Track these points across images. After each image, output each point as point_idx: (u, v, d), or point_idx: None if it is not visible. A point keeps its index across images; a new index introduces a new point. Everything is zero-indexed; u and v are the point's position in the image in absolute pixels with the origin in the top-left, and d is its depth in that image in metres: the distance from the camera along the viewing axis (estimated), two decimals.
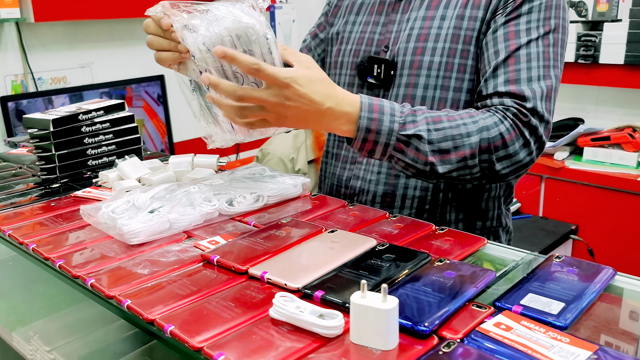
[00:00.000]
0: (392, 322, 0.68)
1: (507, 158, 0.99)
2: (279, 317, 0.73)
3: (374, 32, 1.15)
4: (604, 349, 0.66)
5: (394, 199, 1.18)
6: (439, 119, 0.97)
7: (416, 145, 0.96)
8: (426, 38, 1.07)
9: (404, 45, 1.10)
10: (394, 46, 1.11)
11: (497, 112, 0.99)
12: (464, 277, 0.82)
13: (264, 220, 1.09)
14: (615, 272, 0.86)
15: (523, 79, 0.99)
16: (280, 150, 2.36)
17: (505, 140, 0.98)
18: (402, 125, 0.95)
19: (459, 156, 0.97)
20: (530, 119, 0.99)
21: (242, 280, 0.86)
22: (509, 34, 1.02)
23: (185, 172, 1.29)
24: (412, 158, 0.97)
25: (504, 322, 0.72)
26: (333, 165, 1.29)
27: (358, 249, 0.92)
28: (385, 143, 0.95)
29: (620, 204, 2.41)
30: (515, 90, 0.99)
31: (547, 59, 1.02)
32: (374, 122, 0.94)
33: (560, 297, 0.78)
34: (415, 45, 1.08)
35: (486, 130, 0.97)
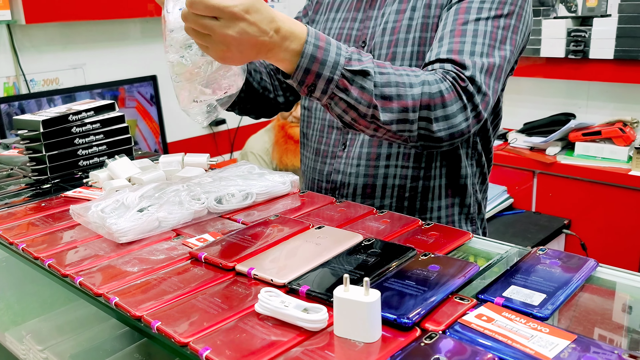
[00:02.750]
0: (374, 314, 0.69)
1: (444, 119, 0.97)
2: (264, 311, 0.74)
3: (351, 29, 1.16)
4: (582, 338, 0.67)
5: (374, 189, 1.19)
6: (384, 65, 0.95)
7: (361, 83, 0.91)
8: (399, 30, 1.10)
9: (379, 39, 1.12)
10: (370, 41, 1.13)
11: (437, 73, 0.99)
12: (447, 271, 0.83)
13: (253, 217, 1.10)
14: (598, 264, 0.87)
15: (465, 50, 1.00)
16: (257, 147, 2.38)
17: (445, 99, 0.96)
18: (348, 61, 0.91)
19: (401, 106, 0.94)
20: (468, 85, 0.98)
21: (229, 277, 0.87)
22: (459, 10, 1.03)
23: (175, 171, 1.30)
24: (355, 98, 0.91)
25: (486, 314, 0.73)
26: (313, 160, 1.30)
27: (344, 245, 0.93)
28: (329, 77, 0.90)
29: (612, 198, 2.42)
30: (456, 59, 1.00)
31: (493, 39, 1.02)
32: (319, 50, 0.89)
33: (542, 289, 0.79)
34: (390, 39, 1.11)
35: (428, 84, 0.96)
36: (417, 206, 1.21)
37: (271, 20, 0.86)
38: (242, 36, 0.84)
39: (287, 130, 2.37)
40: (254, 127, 3.12)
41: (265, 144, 2.48)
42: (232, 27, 0.83)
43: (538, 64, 2.65)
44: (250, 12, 0.84)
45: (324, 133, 0.99)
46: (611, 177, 2.40)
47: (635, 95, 2.55)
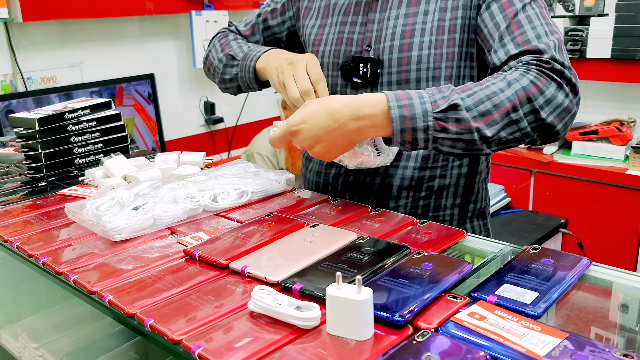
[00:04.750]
0: (366, 312, 0.69)
1: (548, 104, 0.95)
2: (257, 309, 0.75)
3: (352, 32, 1.15)
4: (573, 336, 0.68)
5: (390, 190, 1.19)
6: (467, 87, 0.95)
7: (455, 116, 0.92)
8: (411, 34, 1.09)
9: (388, 43, 1.11)
10: (377, 45, 1.12)
11: (518, 69, 0.98)
12: (440, 269, 0.83)
13: (248, 216, 1.10)
14: (591, 263, 0.87)
15: (532, 37, 1.01)
16: (263, 148, 2.37)
17: (539, 86, 0.95)
18: (434, 103, 0.92)
19: (502, 113, 0.94)
20: (554, 65, 0.97)
21: (223, 275, 0.87)
22: (502, 5, 1.04)
23: (171, 170, 1.30)
24: (456, 132, 0.93)
25: (478, 312, 0.73)
26: (319, 164, 1.28)
27: (338, 243, 0.93)
28: (424, 127, 0.92)
29: (609, 197, 2.42)
30: (529, 48, 1.00)
31: (545, 17, 1.04)
32: (405, 108, 0.92)
33: (535, 287, 0.79)
34: (401, 43, 1.10)
35: (516, 81, 0.95)
36: (431, 205, 1.20)
37: (332, 113, 0.93)
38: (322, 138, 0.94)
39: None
40: (252, 126, 3.12)
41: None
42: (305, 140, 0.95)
43: None
44: (307, 120, 0.94)
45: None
46: (608, 177, 2.40)
47: (632, 94, 2.56)
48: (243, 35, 1.35)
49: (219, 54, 1.28)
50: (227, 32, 1.36)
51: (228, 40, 1.29)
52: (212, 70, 1.31)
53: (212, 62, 1.30)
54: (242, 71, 1.21)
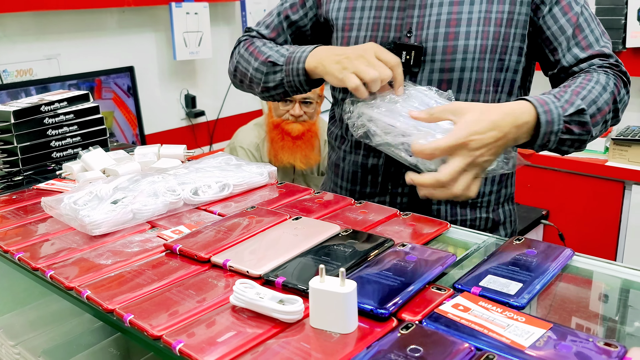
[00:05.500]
0: (350, 305, 0.68)
1: (624, 104, 1.11)
2: (239, 303, 0.73)
3: (390, 18, 1.11)
4: (557, 327, 0.67)
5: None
6: (577, 90, 1.03)
7: (578, 119, 1.01)
8: (457, 23, 1.08)
9: (433, 30, 1.09)
10: (418, 31, 1.10)
11: (597, 70, 1.08)
12: (424, 261, 0.83)
13: (230, 209, 1.09)
14: (574, 253, 0.87)
15: (593, 41, 1.11)
16: (246, 141, 2.36)
17: (619, 89, 1.08)
18: (563, 107, 1.00)
19: (603, 115, 1.04)
20: (621, 67, 1.11)
21: (205, 269, 0.86)
22: (564, 8, 1.11)
23: (151, 163, 1.28)
24: (578, 133, 1.02)
25: (462, 304, 0.73)
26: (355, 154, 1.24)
27: (321, 236, 0.92)
28: (558, 130, 1.00)
29: (589, 188, 2.45)
30: (595, 52, 1.11)
31: (596, 19, 1.14)
32: (547, 114, 0.99)
33: (519, 278, 0.79)
34: (447, 31, 1.08)
35: (607, 84, 1.05)
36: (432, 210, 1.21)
37: (496, 122, 0.94)
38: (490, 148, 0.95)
39: (283, 127, 2.35)
40: (233, 119, 3.10)
41: (255, 138, 2.46)
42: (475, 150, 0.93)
43: None
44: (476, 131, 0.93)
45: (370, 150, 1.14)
46: (588, 168, 2.42)
47: None
48: (268, 38, 1.28)
49: (254, 63, 1.20)
50: (250, 38, 1.28)
51: (258, 47, 1.22)
52: (249, 81, 1.24)
53: (247, 73, 1.23)
54: (290, 75, 1.14)
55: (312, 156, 2.36)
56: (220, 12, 3.04)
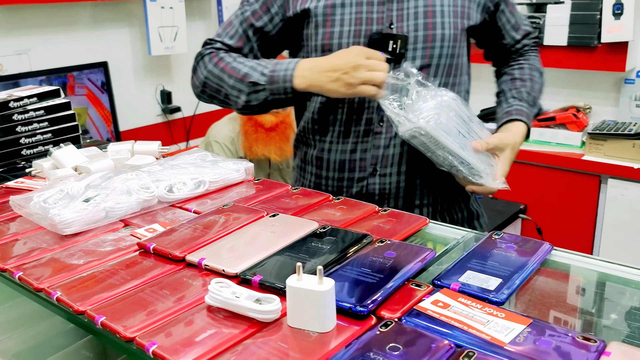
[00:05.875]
0: (328, 303, 0.67)
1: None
2: (215, 303, 0.71)
3: (371, 12, 1.16)
4: (537, 322, 0.67)
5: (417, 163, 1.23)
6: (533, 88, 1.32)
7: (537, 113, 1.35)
8: (433, 15, 1.16)
9: (412, 22, 1.16)
10: (399, 23, 1.16)
11: (530, 52, 1.36)
12: (403, 257, 0.82)
13: (206, 206, 1.07)
14: (552, 247, 0.87)
15: (521, 23, 1.34)
16: (221, 135, 2.33)
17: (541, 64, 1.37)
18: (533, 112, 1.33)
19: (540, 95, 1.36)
20: (537, 38, 1.39)
21: (180, 268, 0.84)
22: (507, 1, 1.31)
23: (125, 160, 1.25)
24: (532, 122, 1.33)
25: (442, 300, 0.72)
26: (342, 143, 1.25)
27: (299, 233, 0.90)
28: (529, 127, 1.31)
29: (566, 182, 2.47)
30: (523, 32, 1.34)
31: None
32: (529, 122, 1.30)
33: (498, 273, 0.78)
34: (425, 22, 1.16)
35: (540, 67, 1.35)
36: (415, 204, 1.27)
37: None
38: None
39: (257, 120, 2.33)
40: (210, 115, 3.06)
41: (230, 132, 2.43)
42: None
43: None
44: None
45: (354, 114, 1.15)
46: (565, 162, 2.44)
47: (588, 81, 2.60)
48: (234, 48, 1.24)
49: (229, 81, 1.17)
50: (216, 51, 1.23)
51: (229, 63, 1.18)
52: (224, 97, 1.20)
53: (220, 90, 1.20)
54: (276, 94, 1.14)
55: (287, 148, 2.34)
56: (196, 7, 3.00)
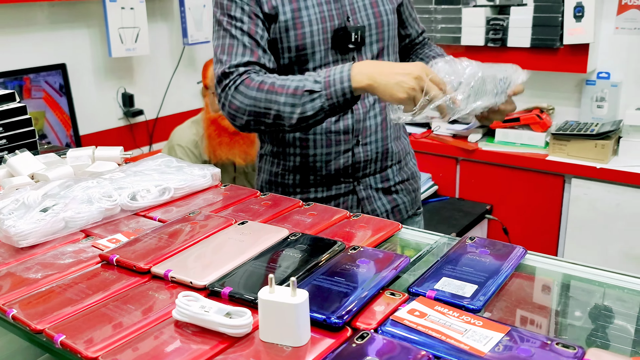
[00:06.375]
0: (302, 316, 0.64)
1: None
2: (183, 318, 0.68)
3: (330, 10, 1.28)
4: (516, 330, 0.66)
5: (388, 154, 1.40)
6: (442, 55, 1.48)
7: None
8: (376, 5, 1.33)
9: (364, 13, 1.31)
10: (353, 16, 1.30)
11: (428, 42, 1.55)
12: (377, 265, 0.80)
13: (171, 214, 1.03)
14: (526, 251, 0.86)
15: (419, 20, 1.53)
16: (184, 139, 2.28)
17: None
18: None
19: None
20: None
21: (145, 281, 0.80)
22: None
23: (85, 167, 1.20)
24: None
25: (418, 309, 0.70)
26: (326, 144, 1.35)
27: (269, 241, 0.88)
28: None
29: (531, 182, 2.49)
30: (421, 28, 1.53)
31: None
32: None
33: (473, 279, 0.77)
34: (373, 11, 1.32)
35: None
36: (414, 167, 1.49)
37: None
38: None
39: (220, 123, 2.29)
40: (173, 118, 3.00)
41: (193, 136, 2.38)
42: None
43: (459, 52, 2.69)
44: None
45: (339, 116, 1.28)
46: (529, 163, 2.47)
47: (551, 82, 2.64)
48: (254, 62, 1.23)
49: (281, 98, 1.16)
50: (246, 76, 1.21)
51: (274, 83, 1.18)
52: (274, 118, 1.18)
53: (269, 112, 1.18)
54: (332, 98, 1.14)
55: (251, 152, 2.30)
56: (158, 7, 2.94)
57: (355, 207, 1.36)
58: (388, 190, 1.40)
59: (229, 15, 1.23)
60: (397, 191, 1.42)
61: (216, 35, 1.26)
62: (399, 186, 1.43)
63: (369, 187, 1.37)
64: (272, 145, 1.37)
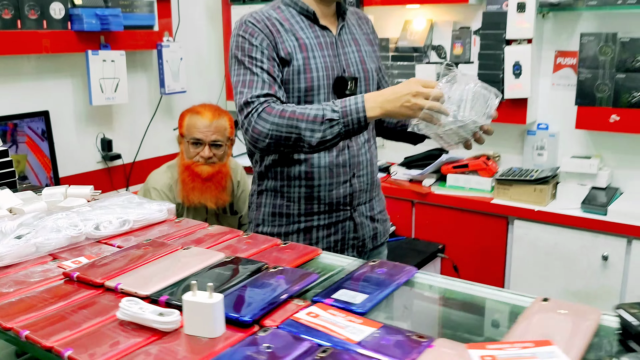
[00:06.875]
0: (217, 313, 0.82)
1: None
2: (125, 317, 0.85)
3: (331, 62, 1.56)
4: (387, 326, 0.84)
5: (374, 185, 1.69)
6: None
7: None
8: (364, 61, 1.63)
9: (355, 67, 1.61)
10: (348, 68, 1.59)
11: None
12: (290, 280, 0.98)
13: (129, 242, 1.20)
14: (417, 270, 1.05)
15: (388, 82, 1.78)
16: (160, 183, 2.45)
17: None
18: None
19: None
20: None
21: (99, 292, 0.97)
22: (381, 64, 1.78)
23: (58, 202, 1.38)
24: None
25: (315, 312, 0.88)
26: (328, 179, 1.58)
27: (206, 262, 1.06)
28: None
29: (478, 223, 2.69)
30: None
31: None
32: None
33: (366, 291, 0.95)
34: (362, 67, 1.63)
35: None
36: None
37: None
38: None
39: (193, 169, 2.44)
40: (150, 162, 3.18)
41: (168, 180, 2.54)
42: None
43: None
44: None
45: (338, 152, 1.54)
46: (477, 205, 2.67)
47: (497, 132, 2.85)
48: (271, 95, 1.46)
49: (302, 124, 1.39)
50: (267, 104, 1.43)
51: (293, 111, 1.41)
52: (295, 141, 1.41)
53: (290, 136, 1.40)
54: (349, 125, 1.39)
55: (223, 196, 2.47)
56: (138, 60, 3.16)
57: (352, 232, 1.59)
58: (373, 218, 1.66)
59: (250, 56, 1.48)
60: (377, 220, 1.68)
61: (237, 73, 1.50)
62: (378, 215, 1.69)
63: (361, 215, 1.61)
64: (276, 181, 1.58)
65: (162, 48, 3.11)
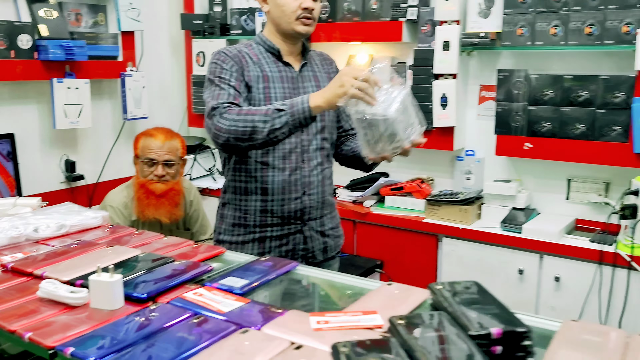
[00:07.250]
0: (116, 290, 1.03)
1: None
2: (44, 295, 1.06)
3: (290, 93, 1.74)
4: (254, 302, 1.05)
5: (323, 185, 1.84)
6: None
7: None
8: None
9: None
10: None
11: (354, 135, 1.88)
12: (187, 269, 1.19)
13: (65, 243, 1.41)
14: (298, 264, 1.27)
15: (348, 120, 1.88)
16: (116, 201, 2.64)
17: None
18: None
19: None
20: None
21: (29, 279, 1.18)
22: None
23: (6, 211, 1.58)
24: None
25: (201, 292, 1.10)
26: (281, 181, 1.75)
27: (123, 256, 1.27)
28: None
29: (412, 241, 2.92)
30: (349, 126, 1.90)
31: None
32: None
33: (248, 278, 1.17)
34: None
35: None
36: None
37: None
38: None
39: (148, 187, 2.64)
40: (113, 183, 3.38)
41: (124, 198, 2.72)
42: None
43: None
44: None
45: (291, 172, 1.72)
46: (412, 224, 2.90)
47: (431, 157, 3.12)
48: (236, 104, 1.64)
49: (256, 117, 1.56)
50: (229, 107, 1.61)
51: (250, 109, 1.60)
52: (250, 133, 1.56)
53: (246, 128, 1.56)
54: (295, 114, 1.55)
55: (176, 212, 2.67)
56: (105, 87, 3.38)
57: (302, 243, 1.77)
58: (324, 233, 1.83)
59: (220, 77, 1.69)
60: (328, 235, 1.85)
61: (208, 90, 1.69)
62: (330, 231, 1.86)
63: (311, 229, 1.78)
64: (236, 195, 1.78)
65: (125, 77, 3.33)
